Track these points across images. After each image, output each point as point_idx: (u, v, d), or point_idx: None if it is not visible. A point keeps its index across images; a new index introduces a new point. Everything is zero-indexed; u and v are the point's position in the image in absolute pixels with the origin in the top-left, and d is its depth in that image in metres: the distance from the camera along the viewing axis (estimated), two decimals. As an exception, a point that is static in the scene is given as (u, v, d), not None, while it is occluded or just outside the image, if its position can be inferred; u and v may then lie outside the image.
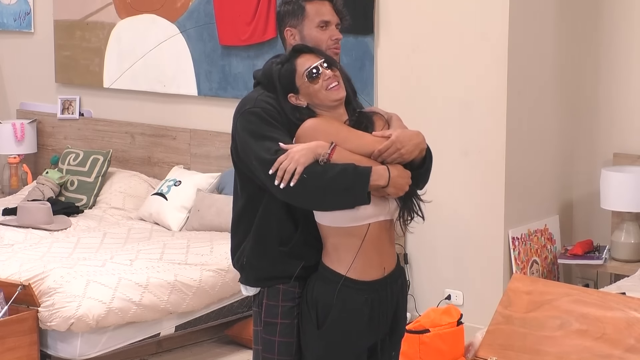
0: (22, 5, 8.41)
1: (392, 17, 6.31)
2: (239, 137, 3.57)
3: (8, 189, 8.03)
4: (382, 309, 3.59)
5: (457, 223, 6.06)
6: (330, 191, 3.39)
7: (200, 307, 5.89)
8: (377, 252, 3.55)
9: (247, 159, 3.53)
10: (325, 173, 3.38)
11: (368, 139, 3.50)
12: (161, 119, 7.60)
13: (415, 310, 6.26)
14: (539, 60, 6.15)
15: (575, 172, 6.47)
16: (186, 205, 6.87)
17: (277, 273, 3.60)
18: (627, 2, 6.18)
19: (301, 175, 3.36)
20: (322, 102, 3.51)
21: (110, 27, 7.80)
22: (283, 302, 3.62)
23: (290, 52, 3.56)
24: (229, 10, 7.03)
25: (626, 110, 6.23)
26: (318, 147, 3.41)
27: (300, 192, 3.40)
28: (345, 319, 3.54)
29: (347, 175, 3.39)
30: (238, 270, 3.71)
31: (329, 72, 3.49)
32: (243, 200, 3.64)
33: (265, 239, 3.58)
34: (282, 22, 3.70)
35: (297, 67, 3.51)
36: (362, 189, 3.40)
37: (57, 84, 8.23)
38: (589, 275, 6.34)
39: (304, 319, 3.60)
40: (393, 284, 3.62)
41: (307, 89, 3.50)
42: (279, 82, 3.53)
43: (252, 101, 3.57)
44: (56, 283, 5.45)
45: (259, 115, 3.51)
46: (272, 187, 3.43)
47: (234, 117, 3.64)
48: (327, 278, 3.54)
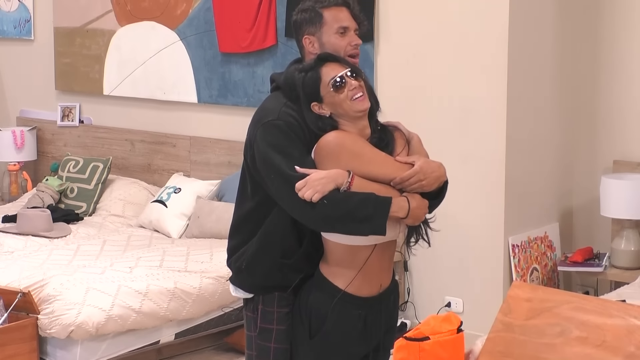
0: (22, 13, 8.42)
1: (391, 24, 6.31)
2: (259, 148, 3.48)
3: (8, 196, 8.03)
4: (375, 323, 3.61)
5: (457, 230, 6.05)
6: (350, 219, 3.37)
7: (200, 315, 5.88)
8: (377, 270, 3.56)
9: (265, 171, 3.47)
10: (346, 201, 3.35)
11: (391, 165, 3.47)
12: (161, 126, 7.60)
13: (415, 317, 6.26)
14: (538, 67, 6.15)
15: (575, 179, 6.47)
16: (186, 213, 6.87)
17: (274, 283, 3.60)
18: (627, 10, 6.18)
19: (321, 200, 3.34)
20: (346, 113, 3.46)
21: (110, 34, 7.80)
22: (279, 308, 3.62)
23: (315, 60, 3.50)
24: (229, 18, 7.03)
25: (626, 117, 6.23)
26: (338, 176, 3.37)
27: (318, 217, 3.38)
28: (338, 332, 3.54)
29: (368, 204, 3.36)
30: (233, 271, 3.69)
31: (355, 82, 3.45)
32: (252, 203, 3.60)
33: (268, 249, 3.57)
34: (299, 30, 3.66)
35: (322, 76, 3.45)
36: (381, 219, 3.38)
37: (57, 91, 8.23)
38: (589, 283, 6.33)
39: (296, 326, 3.60)
40: (387, 300, 3.65)
41: (331, 98, 3.44)
42: (302, 90, 3.47)
43: (275, 112, 3.50)
44: (56, 290, 5.44)
45: (281, 129, 3.46)
46: (288, 205, 3.41)
47: (252, 124, 3.56)
48: (324, 289, 3.53)
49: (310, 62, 3.52)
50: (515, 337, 2.93)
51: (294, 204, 3.38)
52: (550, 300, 2.90)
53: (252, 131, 3.54)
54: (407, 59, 6.26)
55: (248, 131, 3.58)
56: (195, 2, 7.29)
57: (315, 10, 3.63)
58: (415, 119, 5.98)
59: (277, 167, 3.41)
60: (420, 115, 6.11)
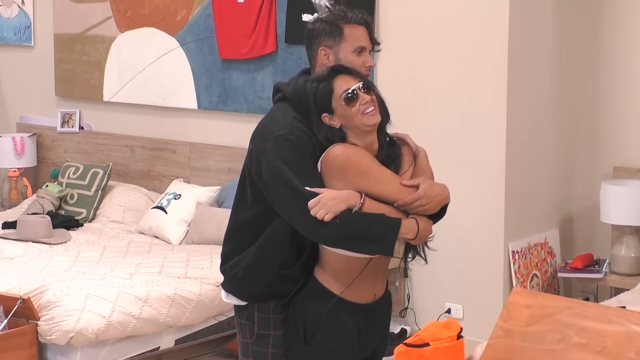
0: (23, 19, 8.42)
1: (391, 29, 6.32)
2: (269, 161, 3.46)
3: (8, 202, 8.03)
4: (369, 331, 3.63)
5: (457, 236, 6.05)
6: (360, 239, 3.39)
7: (200, 321, 5.88)
8: (372, 279, 3.58)
9: (274, 185, 3.45)
10: (358, 221, 3.37)
11: (396, 186, 3.47)
12: (161, 133, 7.60)
13: (415, 323, 6.26)
14: (539, 74, 6.16)
15: (575, 185, 6.47)
16: (186, 219, 6.87)
17: (271, 292, 3.61)
18: (627, 18, 6.19)
19: (333, 219, 3.34)
20: (356, 126, 3.45)
21: (111, 40, 7.81)
22: (275, 314, 3.63)
23: (328, 72, 3.48)
24: (229, 24, 7.04)
25: (626, 123, 6.23)
26: (350, 197, 3.38)
27: (329, 235, 3.40)
28: (333, 338, 3.55)
29: (379, 225, 3.39)
30: (228, 278, 3.69)
31: (367, 96, 3.45)
32: (252, 212, 3.59)
33: (267, 259, 3.57)
34: (315, 39, 3.62)
35: (335, 88, 3.44)
36: (391, 240, 3.41)
37: (57, 98, 8.23)
38: (589, 289, 6.33)
39: (290, 332, 3.61)
40: (381, 310, 3.67)
41: (343, 111, 3.44)
42: (314, 101, 3.46)
43: (287, 126, 3.48)
44: (56, 297, 5.44)
45: (293, 144, 3.45)
46: (299, 220, 3.42)
47: (261, 136, 3.53)
48: (319, 295, 3.54)
49: (323, 73, 3.50)
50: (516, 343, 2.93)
51: (305, 220, 3.38)
52: (550, 306, 2.90)
53: (259, 143, 3.51)
54: (407, 66, 6.26)
55: (253, 141, 3.56)
56: (196, 9, 7.29)
57: (336, 24, 3.62)
58: (415, 126, 5.98)
59: (289, 182, 3.40)
60: (420, 122, 6.11)
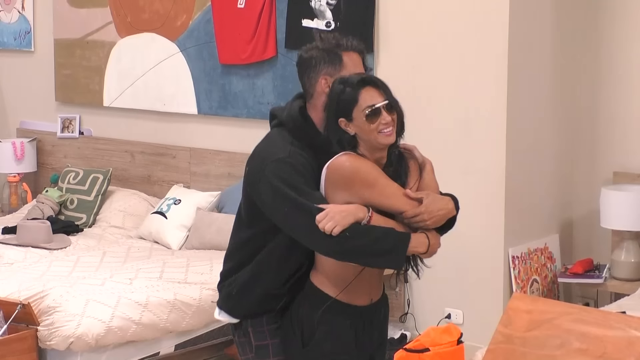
0: (23, 24, 8.43)
1: (392, 35, 6.32)
2: (271, 183, 3.48)
3: (8, 207, 8.03)
4: (366, 334, 3.65)
5: (457, 242, 6.03)
6: (370, 253, 3.42)
7: (200, 326, 5.87)
8: (368, 283, 3.60)
9: (277, 205, 3.48)
10: (367, 234, 3.39)
11: (401, 199, 3.48)
12: (161, 138, 7.60)
13: (415, 329, 6.25)
14: (538, 79, 6.16)
15: (575, 190, 6.47)
16: (186, 224, 6.87)
17: (263, 309, 3.66)
18: (627, 22, 6.19)
19: (343, 232, 3.35)
20: (369, 141, 3.47)
21: (111, 45, 7.81)
22: (268, 325, 3.68)
23: (358, 80, 3.48)
24: (229, 29, 7.04)
25: (626, 128, 6.23)
26: (358, 211, 3.39)
27: (338, 249, 3.41)
28: (329, 340, 3.57)
29: (389, 239, 3.41)
30: (223, 296, 3.74)
31: (388, 117, 3.46)
32: (249, 232, 3.64)
33: (261, 278, 3.62)
34: (314, 68, 3.62)
35: (360, 99, 3.45)
36: (401, 254, 3.44)
37: (57, 103, 8.24)
38: (589, 294, 6.33)
39: (288, 336, 3.63)
40: (378, 313, 3.69)
41: (361, 123, 3.45)
42: (336, 103, 3.48)
43: (285, 150, 3.52)
44: (56, 302, 5.43)
45: (294, 167, 3.49)
46: (307, 236, 3.43)
47: (259, 160, 3.56)
48: (315, 298, 3.56)
49: (353, 79, 3.50)
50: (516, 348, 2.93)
51: (313, 235, 3.40)
52: (550, 311, 2.90)
53: (258, 165, 3.54)
54: (407, 70, 6.26)
55: (251, 164, 3.59)
56: (196, 14, 7.30)
57: (335, 52, 3.63)
58: (415, 131, 5.96)
59: (294, 200, 3.42)
60: (420, 127, 6.11)
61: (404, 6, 6.27)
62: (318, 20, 6.59)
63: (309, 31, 6.63)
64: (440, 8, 6.13)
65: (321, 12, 6.57)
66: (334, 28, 6.52)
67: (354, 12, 6.44)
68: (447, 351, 5.44)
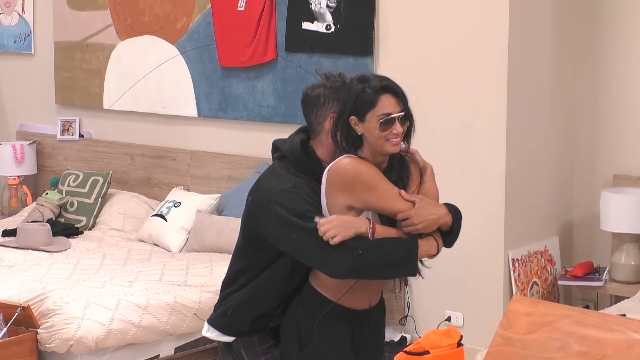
0: (23, 27, 8.43)
1: (391, 38, 6.33)
2: (274, 212, 3.50)
3: (8, 210, 8.03)
4: (364, 338, 3.65)
5: (457, 244, 6.02)
6: (384, 265, 3.45)
7: (199, 329, 5.85)
8: (368, 287, 3.61)
9: (284, 234, 3.49)
10: (379, 247, 3.42)
11: (400, 202, 3.50)
12: (161, 140, 7.60)
13: (415, 331, 6.25)
14: (538, 82, 6.16)
15: (575, 193, 6.47)
16: (186, 227, 6.87)
17: (255, 328, 3.70)
18: (627, 26, 6.20)
19: (356, 251, 3.37)
20: (375, 146, 3.49)
21: (111, 48, 7.81)
22: (260, 345, 3.72)
23: (380, 85, 3.50)
24: (229, 32, 7.04)
25: (626, 131, 6.24)
26: (361, 224, 3.42)
27: (353, 267, 3.42)
28: (327, 343, 3.57)
29: (400, 249, 3.45)
30: (218, 314, 3.76)
31: (400, 129, 3.49)
32: (248, 261, 3.67)
33: (259, 302, 3.65)
34: (322, 106, 3.63)
35: (378, 104, 3.48)
36: (414, 262, 3.48)
37: (57, 105, 8.24)
38: (589, 297, 6.33)
39: (286, 339, 3.63)
40: (375, 316, 3.71)
41: (373, 127, 3.47)
42: (353, 101, 3.49)
43: (290, 182, 3.54)
44: (55, 304, 5.44)
45: (298, 195, 3.51)
46: (318, 260, 3.45)
47: (263, 190, 3.58)
48: (314, 301, 3.57)
49: (376, 82, 3.52)
50: (516, 351, 2.93)
51: (327, 259, 3.42)
52: (550, 314, 2.90)
53: (262, 196, 3.55)
54: (407, 74, 6.26)
55: (254, 195, 3.61)
56: (196, 17, 7.30)
57: (343, 90, 3.64)
58: (415, 135, 5.98)
59: (300, 227, 3.44)
60: (420, 130, 6.07)
61: (404, 9, 6.28)
62: (318, 23, 6.59)
63: (309, 34, 6.64)
64: (440, 11, 6.13)
65: (321, 15, 6.57)
66: (334, 31, 6.52)
67: (354, 15, 6.45)
68: (447, 354, 5.44)
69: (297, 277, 3.61)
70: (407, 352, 4.33)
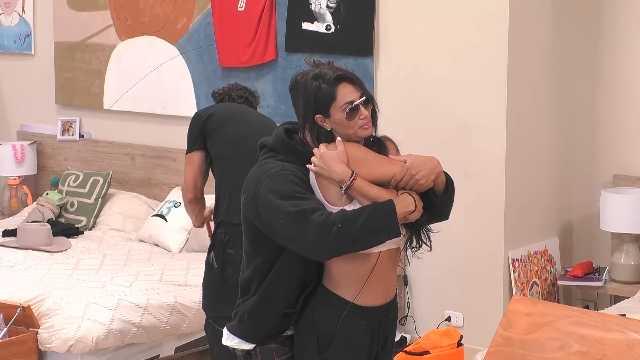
0: (23, 27, 8.43)
1: (391, 39, 6.33)
2: (263, 200, 3.49)
3: (8, 210, 8.03)
4: (379, 335, 3.62)
5: (457, 244, 6.06)
6: (367, 233, 3.41)
7: (200, 329, 5.87)
8: (383, 280, 3.57)
9: (273, 219, 3.48)
10: (357, 216, 3.40)
11: (391, 165, 3.52)
12: (161, 141, 7.60)
13: (415, 331, 6.26)
14: (538, 82, 6.16)
15: (574, 193, 6.47)
16: (186, 227, 6.87)
17: (273, 331, 3.65)
18: (626, 25, 6.20)
19: (335, 225, 3.36)
20: (349, 136, 3.51)
21: (111, 48, 7.82)
22: (278, 356, 3.67)
23: (334, 77, 3.52)
24: (229, 32, 7.05)
25: (626, 131, 6.24)
26: (343, 173, 3.43)
27: (335, 243, 3.40)
28: (349, 346, 3.53)
29: (378, 212, 3.42)
30: (237, 320, 3.72)
31: (366, 111, 3.50)
32: (257, 262, 3.63)
33: (271, 301, 3.61)
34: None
35: (338, 96, 3.49)
36: (394, 222, 3.44)
37: (57, 106, 8.24)
38: (589, 297, 6.33)
39: (303, 344, 3.60)
40: (390, 313, 3.66)
41: (340, 119, 3.49)
42: (312, 100, 3.51)
43: (279, 166, 3.53)
44: (56, 304, 5.44)
45: (286, 177, 3.50)
46: (303, 242, 3.43)
47: (252, 183, 3.56)
48: (330, 302, 3.53)
49: (329, 74, 3.53)
50: (516, 351, 2.93)
51: (307, 240, 3.40)
52: (550, 314, 2.90)
53: (253, 188, 3.54)
54: (407, 74, 6.27)
55: (246, 190, 3.59)
56: (196, 17, 7.30)
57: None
58: (414, 134, 5.99)
59: (284, 210, 3.42)
60: (420, 130, 6.12)
61: (404, 9, 6.28)
62: (318, 23, 6.60)
63: (309, 34, 6.64)
64: (440, 11, 6.14)
65: (321, 15, 6.58)
66: (334, 31, 6.52)
67: (354, 15, 6.45)
68: (447, 354, 5.44)
69: (310, 267, 3.56)
70: (407, 352, 4.32)
